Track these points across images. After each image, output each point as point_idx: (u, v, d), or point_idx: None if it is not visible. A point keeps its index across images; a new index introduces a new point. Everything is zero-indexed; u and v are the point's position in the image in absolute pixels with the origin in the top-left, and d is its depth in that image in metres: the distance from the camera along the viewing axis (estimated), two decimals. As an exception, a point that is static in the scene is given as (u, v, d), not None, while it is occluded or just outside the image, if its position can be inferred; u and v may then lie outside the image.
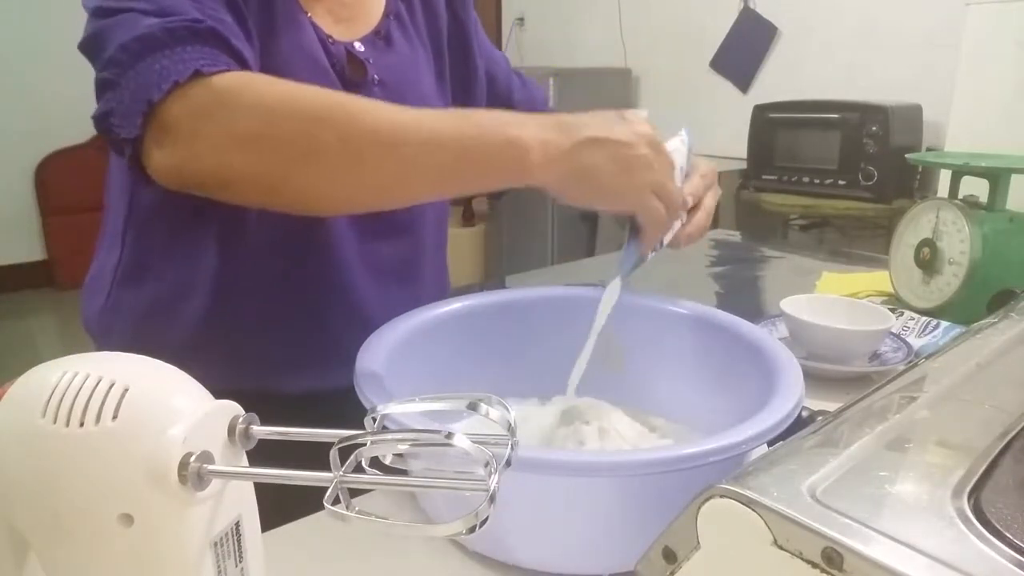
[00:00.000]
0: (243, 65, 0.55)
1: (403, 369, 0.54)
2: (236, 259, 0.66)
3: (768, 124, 2.49)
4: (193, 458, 0.29)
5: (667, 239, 0.64)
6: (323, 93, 0.54)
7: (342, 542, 0.51)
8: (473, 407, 0.30)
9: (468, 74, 0.83)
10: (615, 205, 0.58)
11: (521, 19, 3.91)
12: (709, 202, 0.68)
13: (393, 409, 0.32)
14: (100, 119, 0.53)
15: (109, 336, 0.70)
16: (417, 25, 0.77)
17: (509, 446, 0.30)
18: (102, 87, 0.53)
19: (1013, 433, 0.32)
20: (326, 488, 0.29)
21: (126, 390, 0.30)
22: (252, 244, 0.66)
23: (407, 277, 0.76)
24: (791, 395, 0.49)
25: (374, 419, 0.32)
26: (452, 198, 0.61)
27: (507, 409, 0.31)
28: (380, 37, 0.73)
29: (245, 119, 0.51)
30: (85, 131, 3.77)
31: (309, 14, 0.67)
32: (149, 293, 0.68)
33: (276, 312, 0.69)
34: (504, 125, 0.53)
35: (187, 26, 0.52)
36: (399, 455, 0.33)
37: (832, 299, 0.88)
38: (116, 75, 0.52)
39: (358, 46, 0.71)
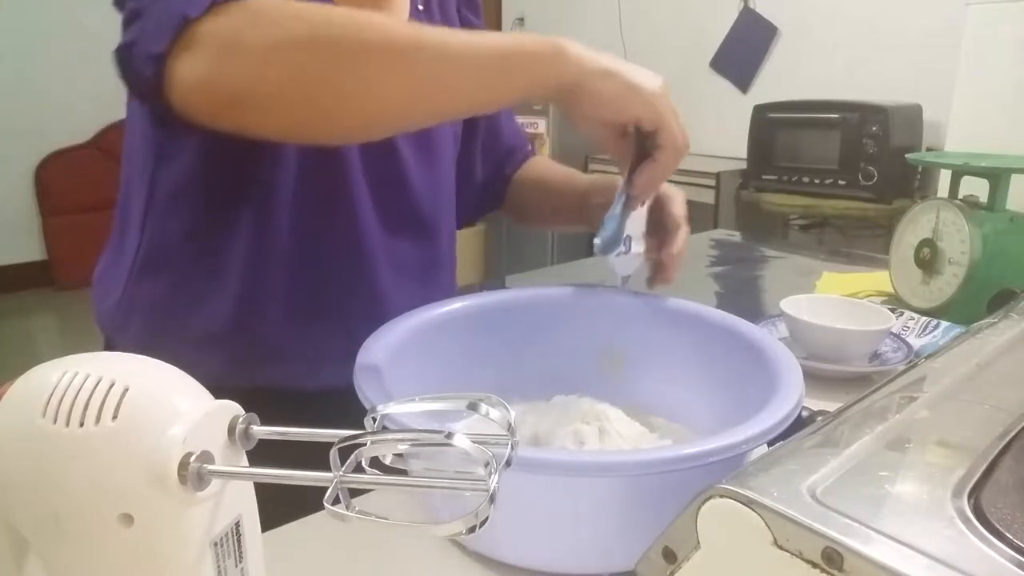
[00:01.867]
0: None
1: (403, 369, 0.54)
2: (262, 247, 0.66)
3: (768, 124, 2.49)
4: (193, 458, 0.29)
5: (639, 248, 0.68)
6: (360, 11, 0.54)
7: (342, 542, 0.51)
8: (473, 407, 0.30)
9: None
10: (643, 105, 0.58)
11: (521, 19, 3.92)
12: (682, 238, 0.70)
13: (393, 409, 0.32)
14: (122, 50, 0.52)
15: (124, 332, 0.69)
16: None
17: (509, 446, 0.30)
18: (128, 20, 0.53)
19: (1013, 433, 0.32)
20: (326, 488, 0.29)
21: (126, 390, 0.30)
22: (278, 232, 0.66)
23: (425, 277, 0.77)
24: (791, 395, 0.49)
25: (374, 419, 0.32)
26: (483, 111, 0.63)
27: (507, 409, 0.31)
28: None
29: (290, 27, 0.51)
30: (85, 131, 3.78)
31: None
32: (170, 284, 0.67)
33: (298, 306, 0.68)
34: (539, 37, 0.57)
35: None
36: (399, 455, 0.33)
37: (832, 299, 0.88)
38: (144, 5, 0.52)
39: None
